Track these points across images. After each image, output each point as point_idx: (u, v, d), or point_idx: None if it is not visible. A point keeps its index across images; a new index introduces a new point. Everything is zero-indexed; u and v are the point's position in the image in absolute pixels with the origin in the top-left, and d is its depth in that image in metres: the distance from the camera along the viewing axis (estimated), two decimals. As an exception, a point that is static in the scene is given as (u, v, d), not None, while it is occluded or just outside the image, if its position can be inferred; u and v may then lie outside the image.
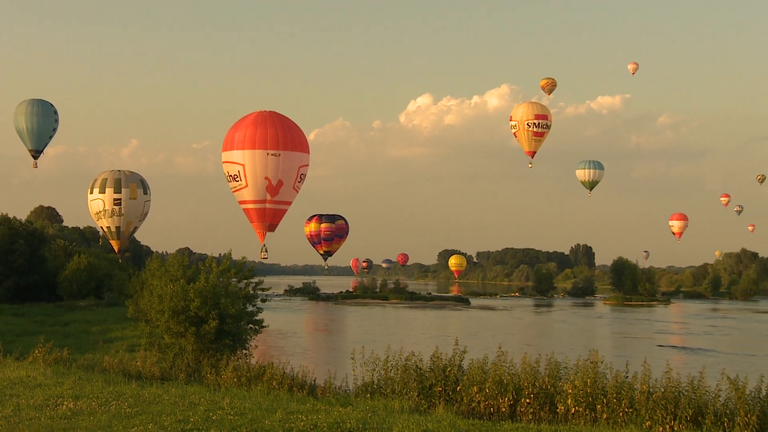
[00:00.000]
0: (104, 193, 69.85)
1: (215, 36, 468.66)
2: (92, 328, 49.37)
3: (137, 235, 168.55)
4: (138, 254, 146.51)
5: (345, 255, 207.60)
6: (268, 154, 47.97)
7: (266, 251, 51.27)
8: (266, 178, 48.05)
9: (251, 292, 34.83)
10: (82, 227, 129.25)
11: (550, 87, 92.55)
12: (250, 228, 50.84)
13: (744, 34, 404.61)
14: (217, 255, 36.01)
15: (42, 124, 67.22)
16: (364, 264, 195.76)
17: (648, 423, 17.04)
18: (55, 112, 68.70)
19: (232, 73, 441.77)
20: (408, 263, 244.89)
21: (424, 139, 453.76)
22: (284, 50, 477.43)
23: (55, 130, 68.94)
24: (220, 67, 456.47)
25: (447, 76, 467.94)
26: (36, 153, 67.79)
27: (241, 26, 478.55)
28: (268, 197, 48.46)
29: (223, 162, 49.81)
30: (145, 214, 73.34)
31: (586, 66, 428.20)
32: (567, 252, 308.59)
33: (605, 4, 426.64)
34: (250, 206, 49.13)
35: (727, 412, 16.72)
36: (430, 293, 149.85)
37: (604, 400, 18.04)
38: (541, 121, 76.17)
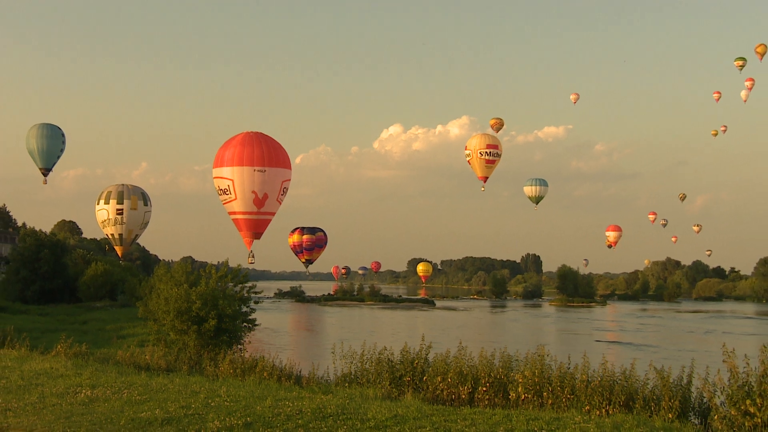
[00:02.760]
0: (109, 204, 68.75)
1: (217, 74, 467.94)
2: (107, 326, 49.12)
3: (147, 245, 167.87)
4: (147, 262, 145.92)
5: (327, 263, 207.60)
6: (254, 170, 47.34)
7: (253, 257, 50.59)
8: (253, 191, 47.40)
9: (245, 294, 34.68)
10: (98, 238, 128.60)
11: (498, 126, 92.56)
12: (240, 237, 50.35)
13: (669, 73, 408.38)
14: (216, 263, 35.74)
15: (51, 146, 65.86)
16: (343, 270, 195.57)
17: (587, 407, 17.08)
18: (63, 135, 67.25)
19: (230, 105, 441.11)
20: (381, 270, 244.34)
21: (395, 163, 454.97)
22: (276, 86, 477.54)
23: (62, 150, 67.28)
24: (220, 101, 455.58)
25: (415, 109, 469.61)
26: (45, 171, 66.41)
27: (239, 65, 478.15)
28: (255, 209, 47.84)
29: (214, 177, 49.03)
30: (146, 224, 71.97)
31: (534, 101, 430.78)
32: (518, 260, 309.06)
33: (552, 49, 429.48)
34: (238, 217, 48.46)
35: (654, 397, 16.77)
36: (400, 296, 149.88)
37: (550, 388, 18.06)
38: (492, 150, 75.82)
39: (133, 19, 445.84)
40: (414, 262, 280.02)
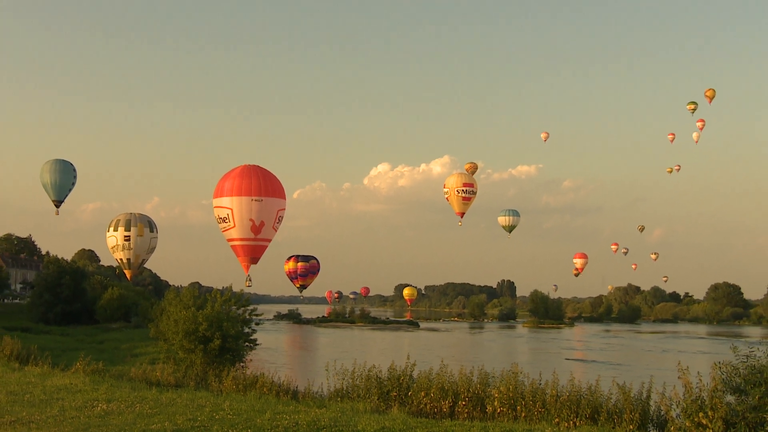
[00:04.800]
0: (117, 231, 67.73)
1: (224, 117, 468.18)
2: (122, 346, 48.69)
3: (158, 271, 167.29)
4: (158, 287, 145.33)
5: (321, 288, 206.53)
6: (252, 200, 46.83)
7: (250, 280, 49.84)
8: (251, 219, 46.80)
9: (247, 317, 34.56)
10: (115, 266, 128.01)
11: (473, 170, 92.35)
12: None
13: (629, 117, 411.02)
14: (220, 288, 35.71)
15: (63, 180, 64.90)
16: (335, 295, 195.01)
17: (556, 420, 17.07)
18: (74, 170, 66.39)
19: (235, 146, 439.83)
20: (370, 294, 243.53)
21: (382, 198, 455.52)
22: (277, 128, 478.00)
23: (73, 184, 66.03)
24: (226, 142, 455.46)
25: (401, 149, 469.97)
26: (58, 203, 65.51)
27: (244, 109, 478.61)
28: (252, 236, 47.22)
29: (214, 207, 48.33)
30: (152, 249, 70.54)
31: (509, 142, 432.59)
32: (495, 285, 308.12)
33: (525, 96, 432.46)
34: (237, 243, 47.75)
35: (617, 410, 16.79)
36: (388, 318, 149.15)
37: (523, 402, 18.05)
38: (468, 188, 75.62)
39: (147, 66, 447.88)
40: (400, 287, 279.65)
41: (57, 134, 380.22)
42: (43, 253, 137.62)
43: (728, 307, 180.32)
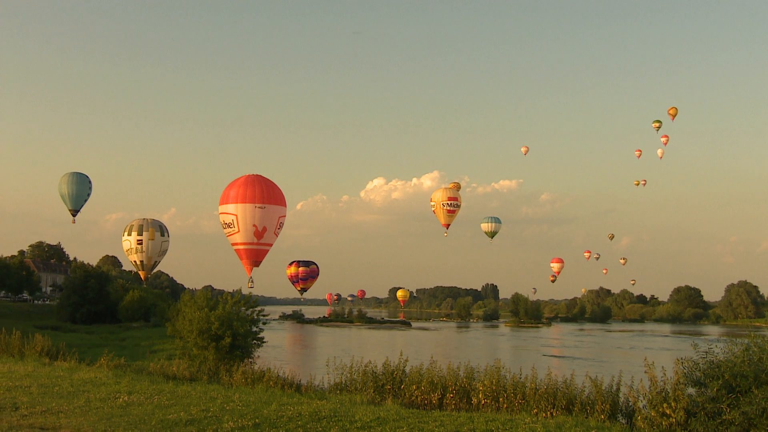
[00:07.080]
0: (131, 235, 67.41)
1: (235, 136, 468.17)
2: (142, 343, 48.62)
3: (174, 275, 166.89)
4: (175, 289, 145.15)
5: (322, 290, 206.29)
6: (255, 207, 46.54)
7: (252, 282, 49.51)
8: (254, 225, 46.37)
9: (255, 317, 34.52)
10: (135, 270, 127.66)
11: (456, 188, 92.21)
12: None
13: (599, 135, 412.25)
14: (231, 290, 35.57)
15: (79, 191, 64.45)
16: (335, 297, 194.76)
17: (535, 410, 17.03)
18: (89, 182, 66.08)
19: (245, 162, 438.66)
20: (366, 296, 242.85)
21: (377, 209, 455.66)
22: (283, 145, 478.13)
23: (89, 195, 65.70)
24: (236, 158, 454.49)
25: (395, 165, 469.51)
26: (74, 212, 65.04)
27: (254, 129, 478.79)
28: (255, 240, 46.89)
29: (220, 213, 47.92)
30: (164, 252, 69.76)
31: (492, 159, 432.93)
32: (480, 289, 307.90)
33: (507, 117, 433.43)
34: (240, 247, 47.35)
35: (590, 402, 16.76)
36: (383, 318, 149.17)
37: (505, 395, 18.00)
38: (452, 202, 75.45)
39: (166, 89, 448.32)
40: (394, 290, 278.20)
41: (84, 150, 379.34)
42: (71, 259, 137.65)
43: (689, 308, 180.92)
